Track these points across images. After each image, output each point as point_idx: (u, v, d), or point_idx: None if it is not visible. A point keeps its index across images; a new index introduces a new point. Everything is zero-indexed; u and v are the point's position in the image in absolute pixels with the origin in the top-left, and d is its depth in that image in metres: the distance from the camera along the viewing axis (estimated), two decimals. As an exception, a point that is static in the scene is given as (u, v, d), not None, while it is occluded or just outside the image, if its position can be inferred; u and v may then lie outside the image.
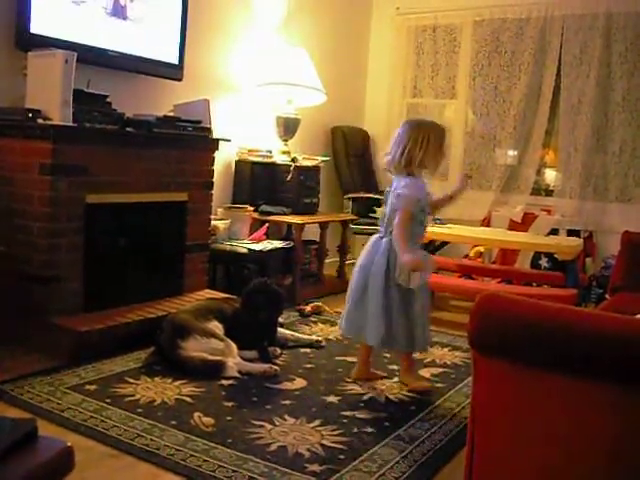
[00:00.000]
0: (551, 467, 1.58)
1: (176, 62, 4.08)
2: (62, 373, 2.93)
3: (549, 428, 1.56)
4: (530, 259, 5.30)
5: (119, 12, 3.69)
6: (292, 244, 4.60)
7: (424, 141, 2.83)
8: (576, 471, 1.55)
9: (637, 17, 5.11)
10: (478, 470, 1.70)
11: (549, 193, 5.74)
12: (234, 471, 2.17)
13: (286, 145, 5.02)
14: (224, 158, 4.65)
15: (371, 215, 5.69)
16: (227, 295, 3.84)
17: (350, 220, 5.30)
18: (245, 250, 4.21)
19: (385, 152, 2.97)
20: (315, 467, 2.24)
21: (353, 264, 3.14)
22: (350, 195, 5.66)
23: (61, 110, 3.09)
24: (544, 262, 5.21)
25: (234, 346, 3.17)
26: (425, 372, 3.31)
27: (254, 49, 4.95)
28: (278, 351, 3.40)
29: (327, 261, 5.18)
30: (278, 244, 4.51)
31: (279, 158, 4.88)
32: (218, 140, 4.05)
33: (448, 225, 4.82)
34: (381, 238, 2.96)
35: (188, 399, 2.75)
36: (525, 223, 5.45)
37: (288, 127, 5.01)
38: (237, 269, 4.38)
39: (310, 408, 2.74)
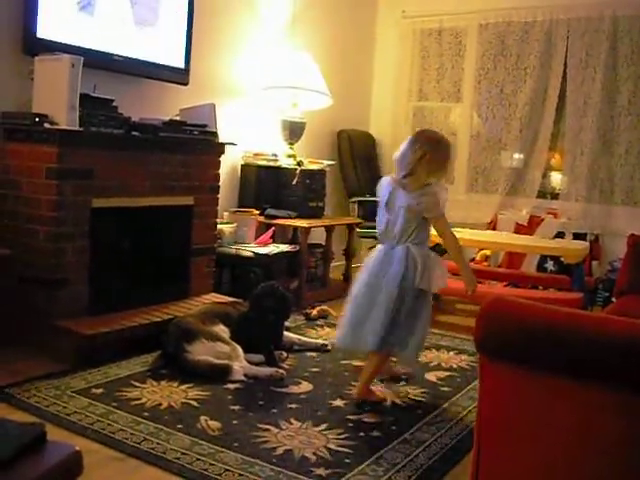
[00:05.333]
0: (557, 470, 1.57)
1: (182, 66, 4.09)
2: (68, 377, 2.94)
3: (555, 432, 1.56)
4: (536, 262, 5.29)
5: (125, 16, 3.71)
6: (298, 248, 4.60)
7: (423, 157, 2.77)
8: (582, 474, 1.54)
9: (643, 20, 5.11)
10: (484, 474, 1.70)
11: (555, 196, 5.73)
12: (240, 475, 2.17)
13: (292, 149, 5.02)
14: (230, 162, 4.66)
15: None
16: (233, 299, 3.85)
17: (356, 223, 5.29)
18: (251, 254, 4.21)
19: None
20: (321, 471, 2.24)
21: (359, 267, 3.08)
22: (356, 198, 5.65)
23: (67, 114, 3.10)
24: (550, 265, 5.19)
25: (240, 350, 3.17)
26: (431, 376, 3.30)
27: (260, 53, 4.97)
28: (284, 355, 3.40)
29: (333, 265, 5.17)
30: (284, 248, 4.51)
31: (285, 162, 4.88)
32: (224, 144, 4.06)
33: (454, 229, 4.81)
34: (393, 247, 2.84)
35: (194, 403, 2.75)
36: (531, 226, 5.44)
37: (294, 131, 5.01)
38: (243, 273, 4.38)
39: (316, 412, 2.74)
